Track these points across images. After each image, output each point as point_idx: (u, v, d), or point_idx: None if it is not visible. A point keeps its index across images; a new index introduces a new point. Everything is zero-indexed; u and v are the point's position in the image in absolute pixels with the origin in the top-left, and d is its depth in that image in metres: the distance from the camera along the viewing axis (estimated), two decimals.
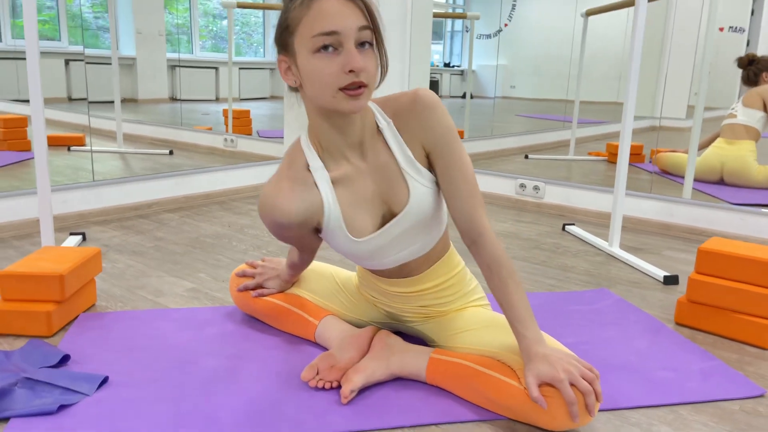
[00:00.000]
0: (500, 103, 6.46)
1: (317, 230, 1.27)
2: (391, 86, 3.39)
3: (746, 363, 1.49)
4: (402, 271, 1.35)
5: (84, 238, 2.29)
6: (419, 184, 1.23)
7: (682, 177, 2.93)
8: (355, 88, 1.08)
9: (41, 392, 1.23)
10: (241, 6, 4.79)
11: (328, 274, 1.57)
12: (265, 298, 1.56)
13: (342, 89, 1.07)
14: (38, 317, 1.49)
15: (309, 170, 1.22)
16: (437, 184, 1.26)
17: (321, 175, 1.21)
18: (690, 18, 4.08)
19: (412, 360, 1.32)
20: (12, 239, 2.26)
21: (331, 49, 1.06)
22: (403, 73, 3.43)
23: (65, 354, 1.38)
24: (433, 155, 1.22)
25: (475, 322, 1.34)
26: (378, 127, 1.23)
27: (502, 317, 1.32)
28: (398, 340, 1.37)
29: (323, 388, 1.27)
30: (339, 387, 1.27)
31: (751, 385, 1.37)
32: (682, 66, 4.13)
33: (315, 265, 1.60)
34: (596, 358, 1.46)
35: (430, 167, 1.25)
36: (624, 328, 1.65)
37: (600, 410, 1.24)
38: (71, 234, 2.30)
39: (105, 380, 1.29)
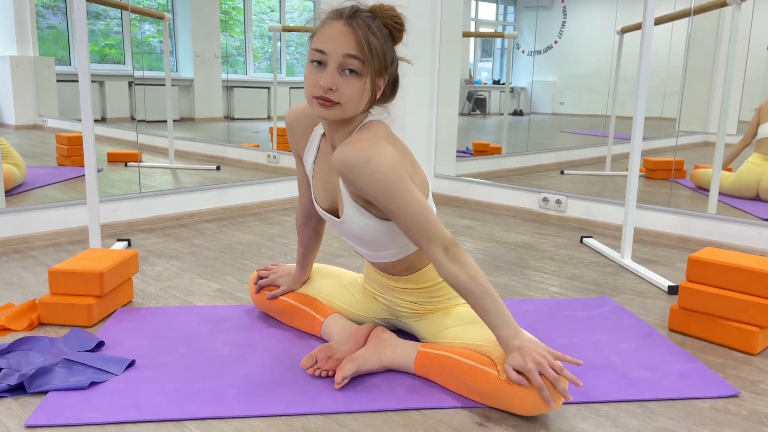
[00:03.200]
0: (549, 120, 6.50)
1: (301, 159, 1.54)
2: (420, 104, 3.54)
3: (729, 366, 1.55)
4: (390, 270, 1.51)
5: (129, 244, 2.52)
6: (351, 211, 1.37)
7: (719, 193, 2.94)
8: (324, 101, 1.26)
9: (77, 371, 1.42)
10: (286, 29, 5.05)
11: (335, 275, 1.73)
12: (278, 297, 1.73)
13: (315, 98, 1.27)
14: (80, 309, 1.70)
15: (315, 127, 1.50)
16: (383, 218, 1.38)
17: (318, 133, 1.49)
18: (740, 33, 4.08)
19: (403, 353, 1.45)
20: (66, 244, 2.52)
21: (317, 63, 1.27)
22: (432, 91, 3.57)
23: (100, 340, 1.58)
24: (374, 203, 1.31)
25: (461, 319, 1.47)
26: None
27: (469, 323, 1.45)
28: (392, 335, 1.51)
29: (320, 376, 1.42)
30: (335, 376, 1.41)
31: (726, 385, 1.43)
32: (732, 81, 4.12)
33: (324, 267, 1.77)
34: (580, 357, 1.55)
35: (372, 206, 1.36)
36: (615, 332, 1.73)
37: (572, 403, 1.34)
38: (118, 240, 2.54)
39: (132, 363, 1.48)
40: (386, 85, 1.34)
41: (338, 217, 1.43)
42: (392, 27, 1.31)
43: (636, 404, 1.35)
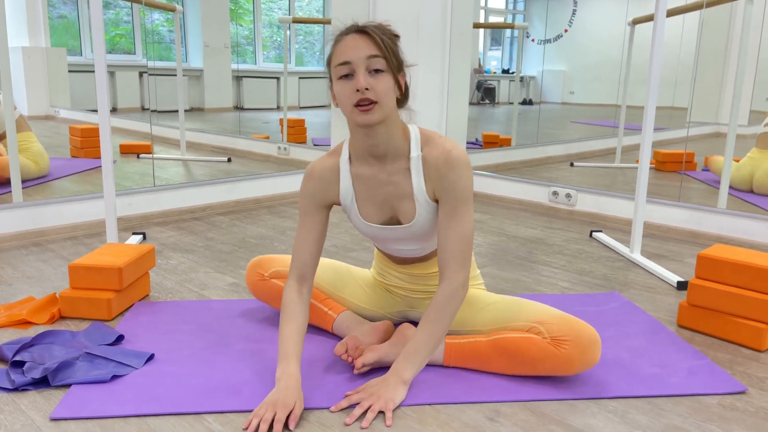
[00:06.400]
0: (559, 109, 6.48)
1: (328, 208, 1.51)
2: (430, 95, 3.55)
3: (737, 363, 1.57)
4: (413, 259, 1.58)
5: (144, 237, 2.56)
6: (425, 210, 1.44)
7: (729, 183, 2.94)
8: (366, 104, 1.32)
9: (98, 365, 1.46)
10: (296, 21, 5.06)
11: (346, 271, 1.75)
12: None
13: (355, 105, 1.32)
14: (100, 303, 1.74)
15: (339, 162, 1.49)
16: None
17: (345, 166, 1.48)
18: (752, 22, 4.04)
19: None
20: (83, 237, 2.56)
21: (347, 76, 1.32)
22: (442, 83, 3.58)
23: (120, 334, 1.62)
24: (441, 203, 1.42)
25: (483, 303, 1.54)
26: (409, 152, 1.43)
27: (501, 298, 1.55)
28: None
29: (350, 363, 1.46)
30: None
31: (734, 382, 1.45)
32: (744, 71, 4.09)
33: (334, 263, 1.78)
34: None
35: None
36: (624, 328, 1.76)
37: (580, 398, 1.37)
38: (134, 233, 2.58)
39: (151, 357, 1.52)
40: (405, 83, 1.41)
41: (396, 224, 1.49)
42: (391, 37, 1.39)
43: (645, 400, 1.38)
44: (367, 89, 1.30)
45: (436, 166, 1.39)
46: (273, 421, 1.22)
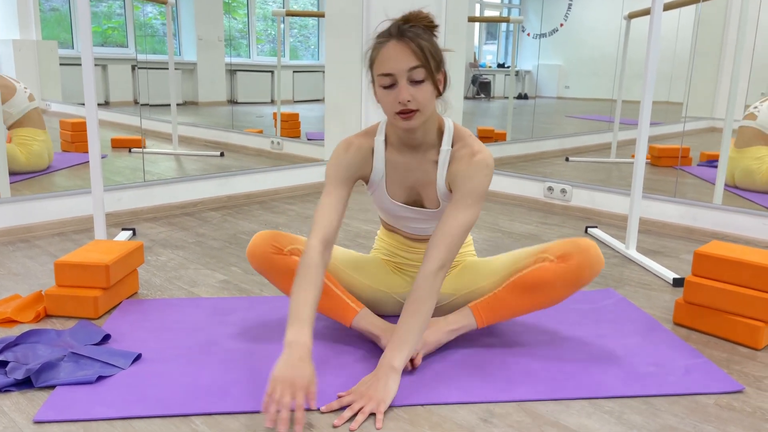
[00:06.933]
0: (554, 104, 6.46)
1: (354, 182, 1.55)
2: None
3: (734, 362, 1.55)
4: (425, 237, 1.65)
5: (134, 234, 2.53)
6: (446, 199, 1.54)
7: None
8: (407, 113, 1.39)
9: (84, 365, 1.43)
10: (290, 14, 5.01)
11: (352, 254, 1.73)
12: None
13: (397, 113, 1.40)
14: (87, 302, 1.71)
15: (374, 142, 1.56)
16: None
17: (380, 147, 1.55)
18: (749, 16, 4.02)
19: (457, 319, 1.56)
20: (72, 233, 2.53)
21: (390, 86, 1.39)
22: None
23: (107, 333, 1.59)
24: (453, 192, 1.49)
25: (483, 264, 1.67)
26: (440, 145, 1.51)
27: (499, 254, 1.68)
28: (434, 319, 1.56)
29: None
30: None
31: (731, 381, 1.43)
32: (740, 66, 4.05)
33: (339, 247, 1.73)
34: (584, 352, 1.56)
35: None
36: (620, 326, 1.74)
37: (575, 398, 1.35)
38: (123, 229, 2.55)
39: (138, 357, 1.49)
40: (444, 78, 1.46)
41: (419, 207, 1.58)
42: (428, 27, 1.44)
43: (640, 400, 1.36)
44: (409, 101, 1.37)
45: (459, 163, 1.48)
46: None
